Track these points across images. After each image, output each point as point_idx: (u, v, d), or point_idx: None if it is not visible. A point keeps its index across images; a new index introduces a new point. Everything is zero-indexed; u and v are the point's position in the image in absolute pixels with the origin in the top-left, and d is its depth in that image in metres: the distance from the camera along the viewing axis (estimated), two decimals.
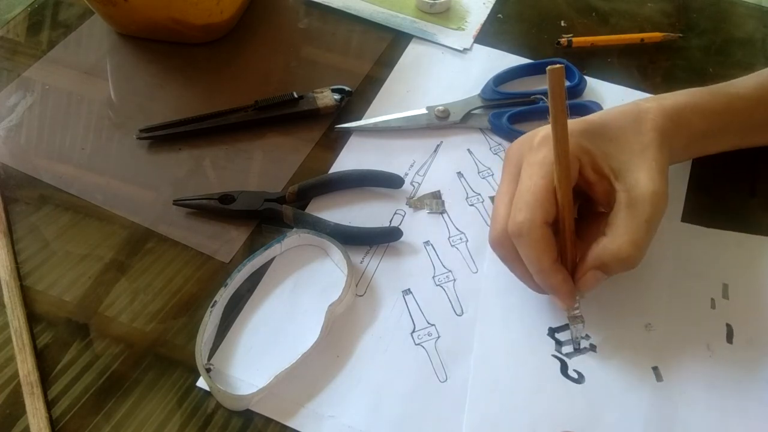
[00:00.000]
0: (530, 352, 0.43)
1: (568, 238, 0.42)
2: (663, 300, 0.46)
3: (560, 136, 0.39)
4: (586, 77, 0.58)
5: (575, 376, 0.42)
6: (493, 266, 0.47)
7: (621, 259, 0.40)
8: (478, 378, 0.42)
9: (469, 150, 0.55)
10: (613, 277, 0.45)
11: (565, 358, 0.43)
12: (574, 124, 0.43)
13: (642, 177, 0.41)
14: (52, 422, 0.40)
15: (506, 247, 0.42)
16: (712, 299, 0.46)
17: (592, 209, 0.45)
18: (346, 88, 0.57)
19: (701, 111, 0.46)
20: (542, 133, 0.42)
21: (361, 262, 0.48)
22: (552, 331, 0.44)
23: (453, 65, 0.61)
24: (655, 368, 0.43)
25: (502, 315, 0.45)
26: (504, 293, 0.46)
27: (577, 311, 0.42)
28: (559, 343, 0.44)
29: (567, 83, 0.58)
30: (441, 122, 0.55)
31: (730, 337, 0.44)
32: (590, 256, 0.41)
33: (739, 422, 0.41)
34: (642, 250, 0.40)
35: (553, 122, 0.39)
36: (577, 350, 0.43)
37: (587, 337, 0.44)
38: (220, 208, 0.49)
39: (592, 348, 0.44)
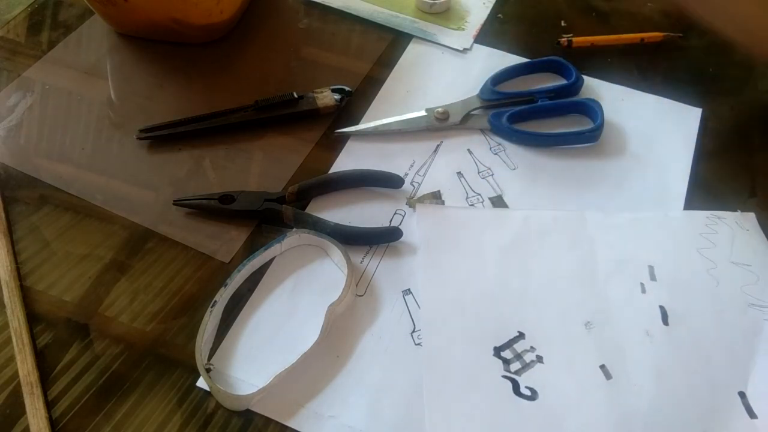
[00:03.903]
0: (480, 378, 0.42)
1: None
2: (596, 293, 0.46)
3: None
4: (587, 77, 0.58)
5: (528, 393, 0.42)
6: (428, 300, 0.46)
7: None
8: (433, 416, 0.40)
9: (469, 150, 0.55)
10: (549, 278, 0.44)
11: (515, 377, 0.42)
12: None
13: None
14: (52, 422, 0.40)
15: None
16: (642, 284, 0.46)
17: None
18: (346, 88, 0.57)
19: None
20: None
21: (361, 262, 0.48)
22: (497, 351, 0.43)
23: (453, 65, 0.61)
24: (602, 366, 0.43)
25: (446, 344, 0.43)
26: (445, 321, 0.44)
27: None
28: (506, 362, 0.43)
29: (563, 81, 0.58)
30: (440, 124, 0.55)
31: (665, 318, 0.44)
32: None
33: (690, 402, 0.41)
34: None
35: None
36: (525, 365, 0.43)
37: (532, 349, 0.43)
38: (220, 208, 0.49)
39: (539, 359, 0.43)
